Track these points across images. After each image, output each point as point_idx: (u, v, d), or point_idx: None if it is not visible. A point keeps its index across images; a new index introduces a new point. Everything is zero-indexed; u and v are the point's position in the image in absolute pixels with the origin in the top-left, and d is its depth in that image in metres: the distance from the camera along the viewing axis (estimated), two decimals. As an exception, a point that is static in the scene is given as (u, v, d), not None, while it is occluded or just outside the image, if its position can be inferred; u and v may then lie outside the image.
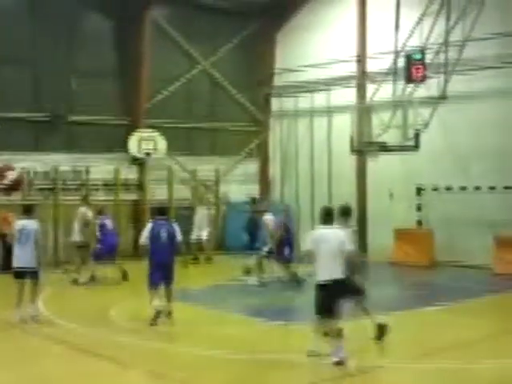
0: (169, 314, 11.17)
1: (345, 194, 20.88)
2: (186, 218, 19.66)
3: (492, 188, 17.29)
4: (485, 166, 17.66)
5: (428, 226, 18.72)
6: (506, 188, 17.11)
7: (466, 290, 14.62)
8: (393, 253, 18.87)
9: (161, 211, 11.56)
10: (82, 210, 15.44)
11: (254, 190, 23.12)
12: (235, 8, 22.36)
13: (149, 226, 11.25)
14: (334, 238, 8.69)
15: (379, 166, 19.89)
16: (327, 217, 8.89)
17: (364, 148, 17.62)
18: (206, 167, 21.75)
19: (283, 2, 22.58)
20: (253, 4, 22.66)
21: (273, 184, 23.41)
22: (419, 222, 18.91)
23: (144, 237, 11.12)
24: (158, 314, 10.87)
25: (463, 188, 17.84)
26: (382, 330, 9.56)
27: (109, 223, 15.78)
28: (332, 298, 8.63)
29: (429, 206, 18.71)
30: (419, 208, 18.85)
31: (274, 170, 23.41)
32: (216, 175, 22.09)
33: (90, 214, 15.36)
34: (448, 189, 18.18)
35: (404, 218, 19.12)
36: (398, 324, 11.57)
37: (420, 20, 17.09)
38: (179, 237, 11.26)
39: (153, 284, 11.05)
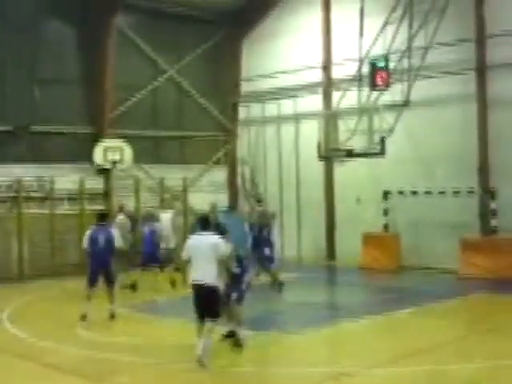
0: (111, 316, 12.09)
1: (313, 199, 21.07)
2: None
3: (456, 191, 17.54)
4: (449, 169, 17.92)
5: (395, 230, 18.89)
6: (470, 191, 17.38)
7: (434, 293, 14.75)
8: (361, 257, 18.99)
9: (100, 217, 12.59)
10: (120, 217, 16.05)
11: (223, 198, 23.05)
12: (201, 16, 22.36)
13: (88, 231, 12.30)
14: (207, 242, 9.06)
15: (346, 172, 20.06)
16: (203, 224, 9.37)
17: (331, 154, 17.73)
18: (173, 176, 21.61)
19: (249, 9, 22.63)
20: (219, 12, 22.68)
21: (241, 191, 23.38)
22: (386, 227, 19.07)
23: (84, 242, 12.20)
24: (83, 316, 11.87)
25: (428, 192, 18.05)
26: (237, 344, 9.81)
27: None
28: (200, 300, 9.05)
29: (395, 210, 18.90)
30: (386, 212, 19.02)
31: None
32: (184, 184, 21.98)
33: (127, 221, 16.06)
34: (414, 193, 18.39)
35: (371, 222, 19.27)
36: (369, 329, 11.67)
37: (383, 27, 17.30)
38: (116, 241, 12.20)
39: (89, 284, 12.09)
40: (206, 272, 8.94)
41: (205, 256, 8.96)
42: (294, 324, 12.24)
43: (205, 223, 9.40)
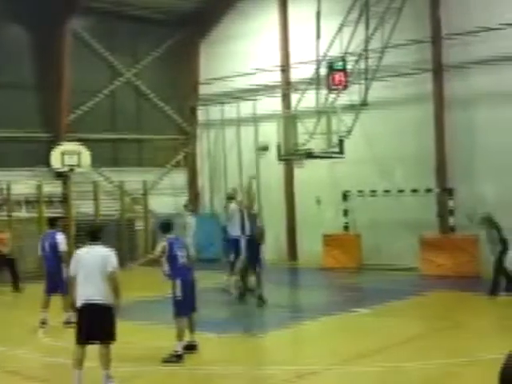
0: (66, 323, 11.83)
1: (273, 201, 21.10)
2: (114, 233, 19.31)
3: (414, 191, 17.81)
4: (407, 169, 18.20)
5: (355, 231, 19.07)
6: (428, 190, 17.67)
7: (394, 291, 14.91)
8: (322, 258, 19.12)
9: (50, 223, 12.58)
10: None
11: (184, 201, 22.93)
12: (158, 18, 22.24)
13: (41, 237, 12.47)
14: (98, 255, 8.05)
15: (306, 173, 20.18)
16: (93, 235, 8.26)
17: (291, 156, 17.80)
18: (133, 179, 21.44)
19: (206, 12, 22.59)
20: (175, 14, 22.58)
21: (202, 194, 23.32)
22: (346, 227, 19.24)
23: (39, 248, 12.25)
24: (42, 322, 11.78)
25: (387, 192, 18.28)
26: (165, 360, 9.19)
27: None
28: (92, 321, 7.95)
29: (355, 211, 19.08)
30: (346, 213, 19.19)
31: (203, 180, 23.34)
32: (144, 187, 21.80)
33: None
34: (373, 193, 18.60)
35: (332, 223, 19.42)
36: (330, 328, 11.74)
37: (340, 29, 17.46)
38: (61, 247, 12.06)
39: (45, 292, 12.01)
40: (98, 289, 7.90)
41: (96, 271, 7.92)
42: (256, 325, 12.27)
43: (94, 233, 8.25)
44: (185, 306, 9.50)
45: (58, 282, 11.99)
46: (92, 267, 7.97)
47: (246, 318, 13.30)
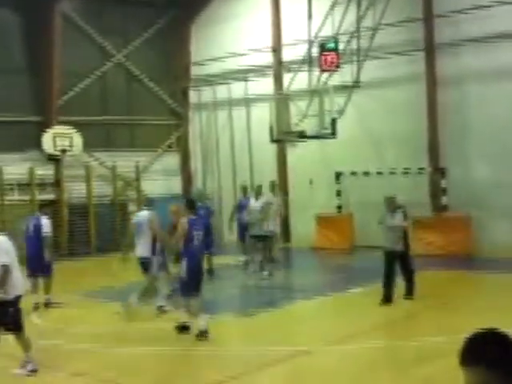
0: (45, 305, 11.98)
1: (267, 183, 21.05)
2: (107, 216, 19.28)
3: (407, 170, 17.83)
4: (400, 149, 18.19)
5: (348, 211, 19.10)
6: (420, 170, 17.69)
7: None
8: (315, 238, 19.17)
9: (39, 206, 12.77)
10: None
11: (176, 184, 22.93)
12: (148, -1, 22.04)
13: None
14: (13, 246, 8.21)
15: (299, 154, 20.15)
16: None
17: (283, 137, 17.75)
18: (125, 163, 21.36)
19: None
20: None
21: (195, 177, 23.27)
22: (339, 207, 19.27)
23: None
24: (35, 307, 11.73)
25: (379, 172, 18.29)
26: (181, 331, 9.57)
27: None
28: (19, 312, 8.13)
29: (348, 191, 19.11)
30: (339, 193, 19.21)
31: (196, 162, 23.28)
32: (136, 170, 21.74)
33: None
34: (365, 173, 18.60)
35: (325, 203, 19.45)
36: (323, 308, 11.81)
37: (332, 8, 17.34)
38: (45, 229, 11.99)
39: (28, 276, 11.73)
40: (22, 277, 8.15)
41: (16, 260, 8.07)
42: (249, 306, 12.31)
43: None
44: (189, 286, 9.59)
45: (39, 264, 12.01)
46: (15, 257, 8.08)
47: (239, 298, 13.36)
